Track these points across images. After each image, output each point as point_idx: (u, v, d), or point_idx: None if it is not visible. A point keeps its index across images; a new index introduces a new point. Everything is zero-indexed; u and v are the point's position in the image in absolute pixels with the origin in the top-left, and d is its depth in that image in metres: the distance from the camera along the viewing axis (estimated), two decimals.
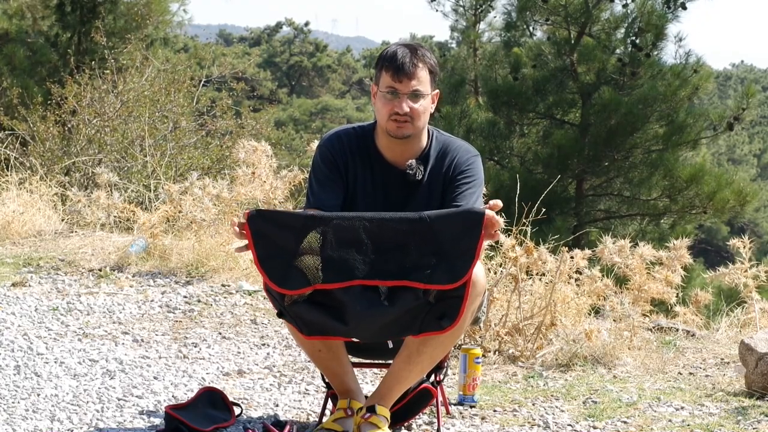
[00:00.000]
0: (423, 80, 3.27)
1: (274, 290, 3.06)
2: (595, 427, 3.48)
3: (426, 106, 3.30)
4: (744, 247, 5.02)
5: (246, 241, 3.06)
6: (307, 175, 6.24)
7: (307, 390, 3.94)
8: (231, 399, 3.58)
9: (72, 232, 7.45)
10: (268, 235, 3.03)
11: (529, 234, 4.77)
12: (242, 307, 5.32)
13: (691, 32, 13.60)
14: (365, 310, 3.00)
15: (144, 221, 6.31)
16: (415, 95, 3.26)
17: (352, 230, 3.01)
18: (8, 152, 8.95)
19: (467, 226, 3.00)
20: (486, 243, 3.06)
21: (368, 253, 3.00)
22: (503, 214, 4.59)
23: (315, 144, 5.91)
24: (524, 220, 4.78)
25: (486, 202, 3.17)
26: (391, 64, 3.26)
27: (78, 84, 11.19)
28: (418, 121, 3.28)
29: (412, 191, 3.33)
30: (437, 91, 3.37)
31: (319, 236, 3.01)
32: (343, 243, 3.01)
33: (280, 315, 3.13)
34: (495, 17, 17.47)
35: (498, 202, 3.08)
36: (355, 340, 3.24)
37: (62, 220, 7.72)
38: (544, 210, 4.78)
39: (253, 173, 6.16)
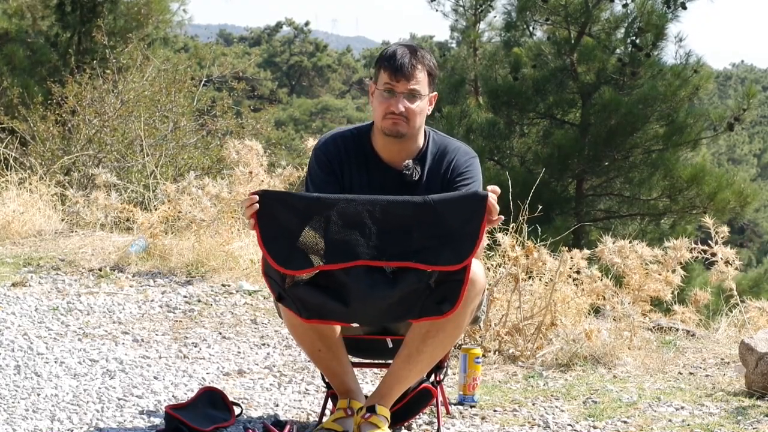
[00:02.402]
0: (421, 81, 3.28)
1: (274, 272, 3.06)
2: (595, 427, 3.48)
3: (422, 107, 3.30)
4: (715, 229, 5.05)
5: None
6: (303, 173, 6.31)
7: (307, 390, 3.94)
8: (231, 399, 3.58)
9: (72, 232, 7.45)
10: (273, 214, 3.05)
11: (525, 233, 4.77)
12: (242, 307, 5.32)
13: (691, 32, 13.61)
14: (367, 291, 3.00)
15: (144, 221, 6.31)
16: (412, 95, 3.26)
17: (356, 214, 3.04)
18: (8, 152, 8.94)
19: (471, 209, 3.03)
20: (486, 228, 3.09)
21: (372, 236, 3.03)
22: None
23: (311, 141, 5.94)
24: (521, 218, 4.78)
25: None
26: (390, 63, 3.27)
27: (78, 84, 11.20)
28: (414, 121, 3.28)
29: (409, 192, 3.33)
30: (435, 93, 3.38)
31: (323, 218, 3.03)
32: (347, 225, 3.03)
33: (279, 299, 3.13)
34: (495, 17, 17.46)
35: (496, 188, 3.10)
36: (354, 325, 3.25)
37: (62, 220, 7.72)
38: (540, 208, 4.77)
39: (250, 172, 6.17)
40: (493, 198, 3.04)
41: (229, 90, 14.99)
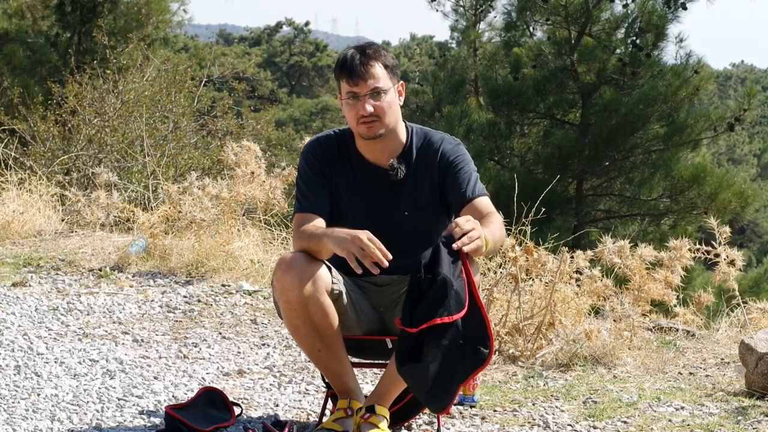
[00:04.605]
0: (379, 76, 3.24)
1: None
2: (595, 427, 3.48)
3: (390, 100, 3.27)
4: (718, 229, 5.05)
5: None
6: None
7: (307, 390, 3.94)
8: (231, 399, 3.58)
9: (72, 232, 7.44)
10: None
11: (528, 234, 4.77)
12: (242, 307, 5.32)
13: (692, 33, 13.59)
14: (401, 367, 2.98)
15: (144, 221, 6.31)
16: (376, 93, 3.24)
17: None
18: (8, 152, 8.93)
19: (451, 258, 2.95)
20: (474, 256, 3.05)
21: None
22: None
23: (307, 139, 5.95)
24: (524, 220, 4.78)
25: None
26: (343, 69, 3.26)
27: (78, 84, 11.19)
28: (386, 117, 3.27)
29: (396, 190, 3.34)
30: (401, 82, 3.36)
31: None
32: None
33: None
34: (495, 17, 17.41)
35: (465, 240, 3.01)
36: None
37: (62, 220, 7.72)
38: (543, 210, 4.77)
39: (252, 173, 6.17)
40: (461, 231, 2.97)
41: (229, 90, 14.98)
